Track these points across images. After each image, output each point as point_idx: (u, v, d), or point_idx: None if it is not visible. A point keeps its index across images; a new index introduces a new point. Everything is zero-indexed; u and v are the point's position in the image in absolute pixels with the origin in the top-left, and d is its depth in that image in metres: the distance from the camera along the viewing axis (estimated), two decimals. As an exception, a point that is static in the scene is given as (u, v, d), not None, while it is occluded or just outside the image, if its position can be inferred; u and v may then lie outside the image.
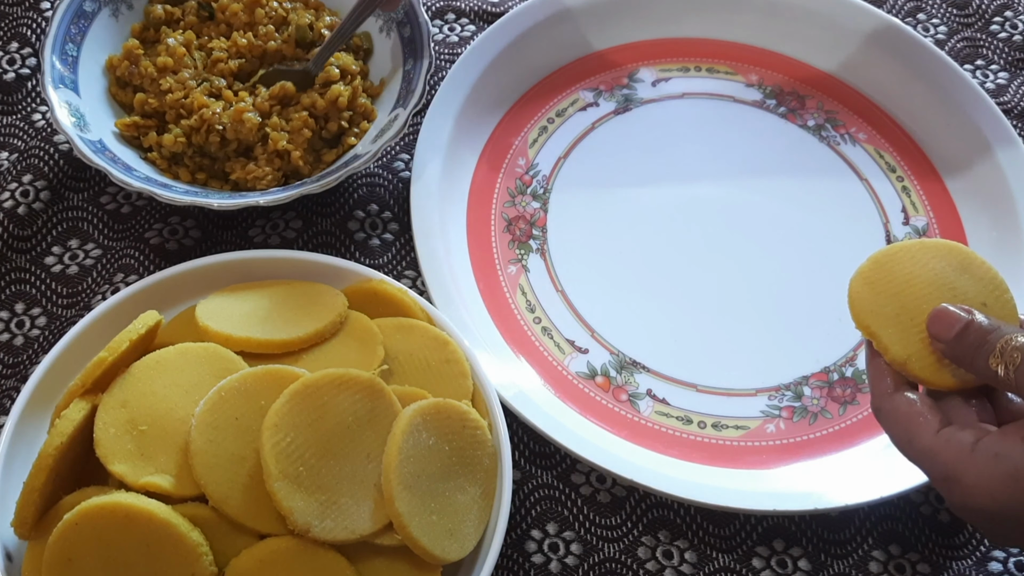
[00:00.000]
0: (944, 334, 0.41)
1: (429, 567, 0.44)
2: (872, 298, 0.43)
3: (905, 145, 0.67)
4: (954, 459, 0.38)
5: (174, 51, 0.60)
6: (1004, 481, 0.36)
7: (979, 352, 0.39)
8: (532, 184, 0.64)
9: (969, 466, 0.37)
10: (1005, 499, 0.36)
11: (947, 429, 0.39)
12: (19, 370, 0.55)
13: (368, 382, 0.44)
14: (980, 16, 0.74)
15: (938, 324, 0.41)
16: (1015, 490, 0.36)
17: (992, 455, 0.37)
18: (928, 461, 0.40)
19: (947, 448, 0.39)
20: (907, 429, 0.41)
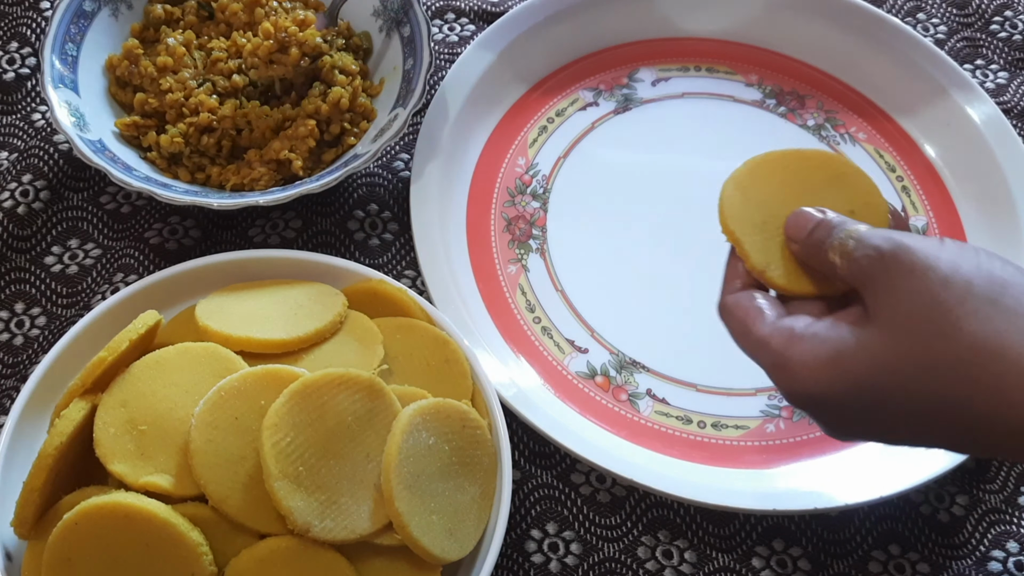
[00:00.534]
0: (798, 234, 0.41)
1: (429, 567, 0.44)
2: (741, 205, 0.43)
3: (905, 145, 0.67)
4: (782, 347, 0.38)
5: (174, 51, 0.61)
6: (826, 363, 0.36)
7: (823, 247, 0.39)
8: (532, 184, 0.64)
9: (795, 351, 0.37)
10: (827, 382, 0.36)
11: (779, 320, 0.39)
12: (19, 370, 0.55)
13: (368, 382, 0.44)
14: (980, 16, 0.74)
15: (793, 227, 0.41)
16: (836, 372, 0.36)
17: (817, 339, 0.37)
18: (760, 351, 0.39)
19: (777, 337, 0.38)
20: (743, 321, 0.40)
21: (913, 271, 0.35)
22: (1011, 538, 0.52)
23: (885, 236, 0.37)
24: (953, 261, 0.35)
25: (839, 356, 0.36)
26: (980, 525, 0.53)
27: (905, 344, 0.35)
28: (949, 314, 0.34)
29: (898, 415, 0.36)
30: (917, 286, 0.35)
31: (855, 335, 0.36)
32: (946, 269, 0.35)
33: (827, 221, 0.40)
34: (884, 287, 0.36)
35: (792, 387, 0.38)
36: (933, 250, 0.36)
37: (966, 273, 0.35)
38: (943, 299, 0.34)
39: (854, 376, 0.36)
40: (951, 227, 0.63)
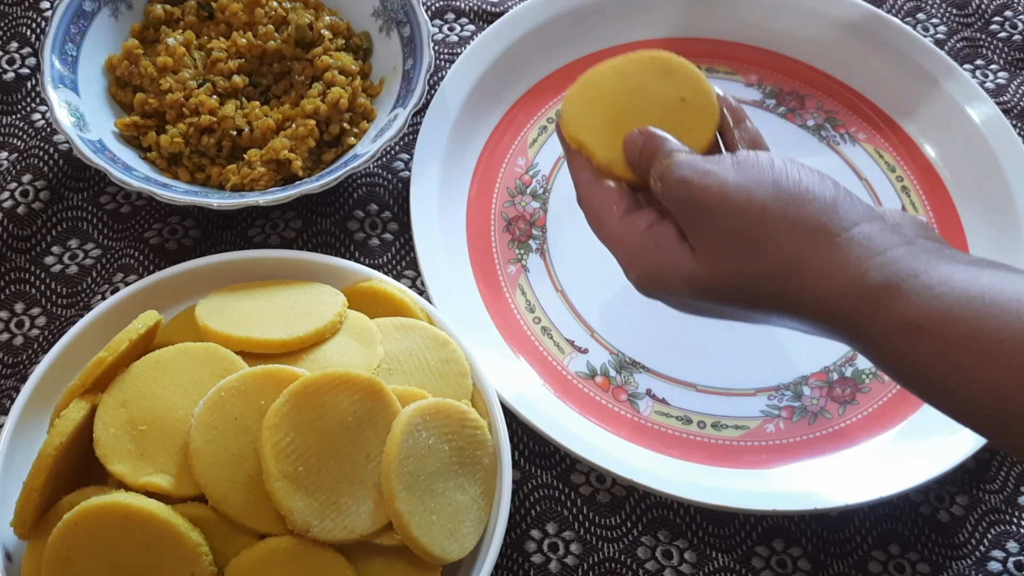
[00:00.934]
0: (631, 157, 0.44)
1: (429, 567, 0.44)
2: (581, 113, 0.46)
3: (905, 145, 0.67)
4: (628, 243, 0.42)
5: (174, 51, 0.61)
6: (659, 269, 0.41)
7: (649, 171, 0.43)
8: (532, 184, 0.64)
9: (638, 252, 0.42)
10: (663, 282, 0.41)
11: (628, 215, 0.43)
12: (19, 370, 0.55)
13: (368, 382, 0.44)
14: (980, 16, 0.74)
15: (627, 151, 0.44)
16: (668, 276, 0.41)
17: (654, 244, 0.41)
18: (612, 243, 0.43)
19: (625, 232, 0.42)
20: (598, 215, 0.44)
21: (711, 208, 0.39)
22: (1011, 538, 0.52)
23: (679, 179, 0.40)
24: (745, 187, 0.39)
25: (668, 267, 0.41)
26: (980, 525, 0.53)
27: (717, 266, 0.39)
28: (750, 240, 0.38)
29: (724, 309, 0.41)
30: (717, 220, 0.39)
31: (679, 253, 0.40)
32: (740, 199, 0.38)
33: (650, 147, 0.43)
34: (688, 221, 0.40)
35: (638, 282, 0.43)
36: (724, 181, 0.39)
37: (760, 198, 0.38)
38: (742, 228, 0.38)
39: (681, 284, 0.40)
40: (951, 227, 0.63)
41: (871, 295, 0.36)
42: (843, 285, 0.37)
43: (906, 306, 0.36)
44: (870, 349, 0.38)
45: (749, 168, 0.40)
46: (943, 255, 0.37)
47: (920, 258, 0.37)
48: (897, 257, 0.37)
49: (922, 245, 0.38)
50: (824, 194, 0.39)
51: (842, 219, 0.38)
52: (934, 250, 0.38)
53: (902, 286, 0.36)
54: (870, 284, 0.36)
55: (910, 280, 0.36)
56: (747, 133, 0.46)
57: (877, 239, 0.38)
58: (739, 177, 0.39)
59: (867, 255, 0.37)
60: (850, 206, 0.39)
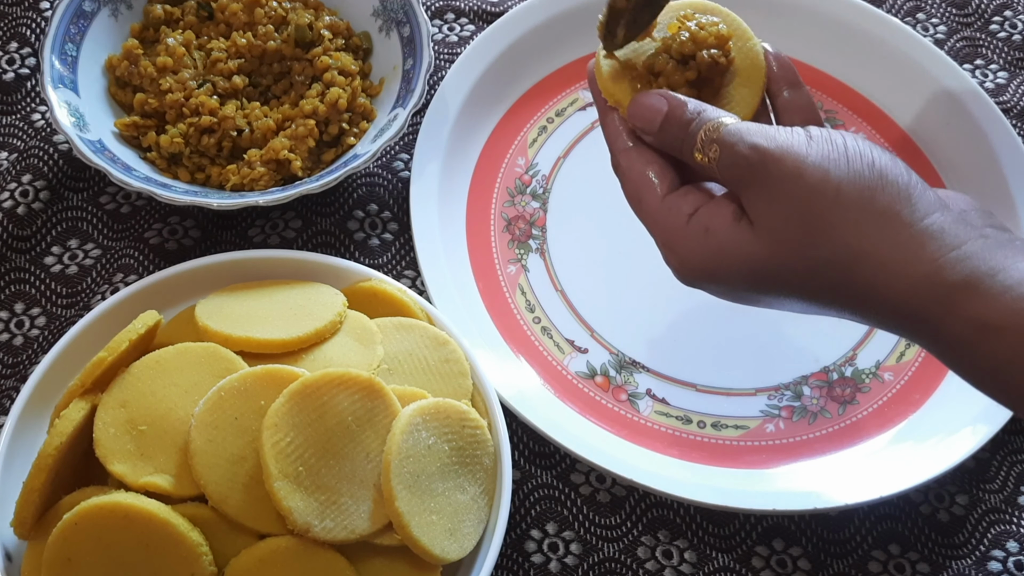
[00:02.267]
0: (649, 127, 0.41)
1: (429, 567, 0.44)
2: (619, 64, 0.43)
3: (905, 145, 0.67)
4: (672, 228, 0.39)
5: (174, 51, 0.61)
6: (709, 254, 0.38)
7: (684, 146, 0.40)
8: (532, 184, 0.64)
9: (684, 237, 0.39)
10: (712, 269, 0.38)
11: (671, 196, 0.40)
12: (19, 370, 0.55)
13: (367, 382, 0.44)
14: (980, 16, 0.74)
15: (639, 119, 0.41)
16: (719, 262, 0.38)
17: (703, 229, 0.38)
18: (651, 225, 0.41)
19: (667, 216, 0.39)
20: (638, 190, 0.41)
21: (783, 181, 0.36)
22: (1011, 538, 0.52)
23: (751, 145, 0.37)
24: (822, 167, 0.36)
25: (721, 252, 0.38)
26: (980, 525, 0.53)
27: (779, 248, 0.37)
28: (820, 222, 0.36)
29: (776, 299, 0.39)
30: (788, 196, 0.36)
31: (736, 233, 0.38)
32: (815, 177, 0.36)
33: (677, 117, 0.40)
34: (756, 194, 0.37)
35: (680, 270, 0.40)
36: (801, 156, 0.36)
37: (835, 179, 0.36)
38: (813, 208, 0.36)
39: (736, 270, 0.38)
40: (951, 227, 0.63)
41: (947, 293, 0.34)
42: (916, 280, 0.35)
43: (985, 306, 0.34)
44: (943, 349, 0.36)
45: (824, 145, 0.37)
46: (1018, 249, 0.35)
47: (996, 254, 0.35)
48: (973, 252, 0.35)
49: (995, 237, 0.36)
50: (898, 179, 0.36)
51: (915, 208, 0.36)
52: (1007, 242, 0.36)
53: (980, 284, 0.34)
54: (946, 281, 0.34)
55: (988, 278, 0.34)
56: (801, 99, 0.42)
57: (951, 231, 0.35)
58: (816, 153, 0.36)
59: (942, 249, 0.35)
60: (922, 194, 0.36)
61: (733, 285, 0.39)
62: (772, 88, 0.43)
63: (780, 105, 0.43)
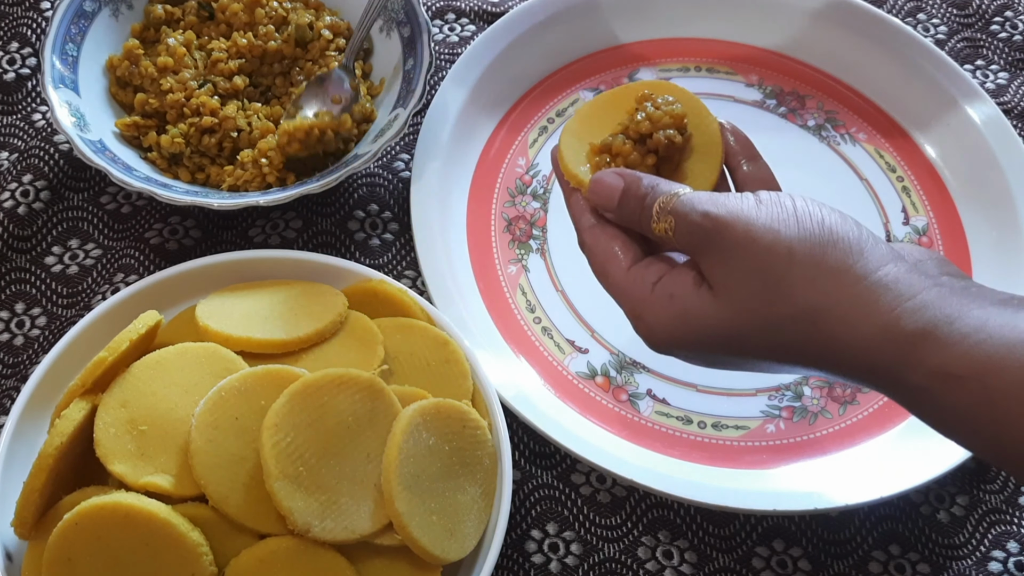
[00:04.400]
0: (608, 204, 0.42)
1: (429, 567, 0.44)
2: (580, 148, 0.44)
3: (905, 145, 0.67)
4: (638, 298, 0.40)
5: (174, 51, 0.61)
6: (675, 322, 0.39)
7: (642, 219, 0.41)
8: (532, 184, 0.64)
9: (650, 305, 0.40)
10: (679, 336, 0.39)
11: (635, 267, 0.41)
12: (19, 370, 0.55)
13: (368, 382, 0.44)
14: (980, 16, 0.74)
15: (598, 196, 0.42)
16: (684, 330, 0.39)
17: (667, 296, 0.39)
18: (618, 296, 0.42)
19: (633, 287, 0.41)
20: (603, 264, 0.42)
21: (736, 245, 0.37)
22: (1011, 538, 0.52)
23: (702, 212, 0.38)
24: (772, 228, 0.37)
25: (686, 317, 0.39)
26: (980, 525, 0.53)
27: (740, 310, 0.37)
28: (776, 281, 0.37)
29: (744, 360, 0.39)
30: (742, 259, 0.37)
31: (698, 298, 0.39)
32: (767, 239, 0.37)
33: (633, 192, 0.41)
34: (712, 259, 0.38)
35: (649, 338, 0.40)
36: (751, 219, 0.37)
37: (786, 239, 0.37)
38: (768, 269, 0.37)
39: (702, 333, 0.39)
40: (951, 227, 0.63)
41: (905, 343, 0.35)
42: (874, 332, 0.35)
43: (944, 355, 0.34)
44: (905, 398, 0.36)
45: (773, 207, 0.38)
46: (973, 296, 0.36)
47: (951, 301, 0.35)
48: (928, 302, 0.35)
49: (949, 285, 0.36)
50: (848, 235, 0.37)
51: (868, 261, 0.37)
52: (962, 290, 0.36)
53: (937, 333, 0.34)
54: (903, 331, 0.35)
55: (945, 326, 0.35)
56: (759, 171, 0.44)
57: (905, 281, 0.36)
58: (765, 215, 0.38)
59: (897, 300, 0.35)
60: (874, 247, 0.37)
61: (701, 349, 0.39)
62: (731, 162, 0.45)
63: (740, 178, 0.44)
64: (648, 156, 0.43)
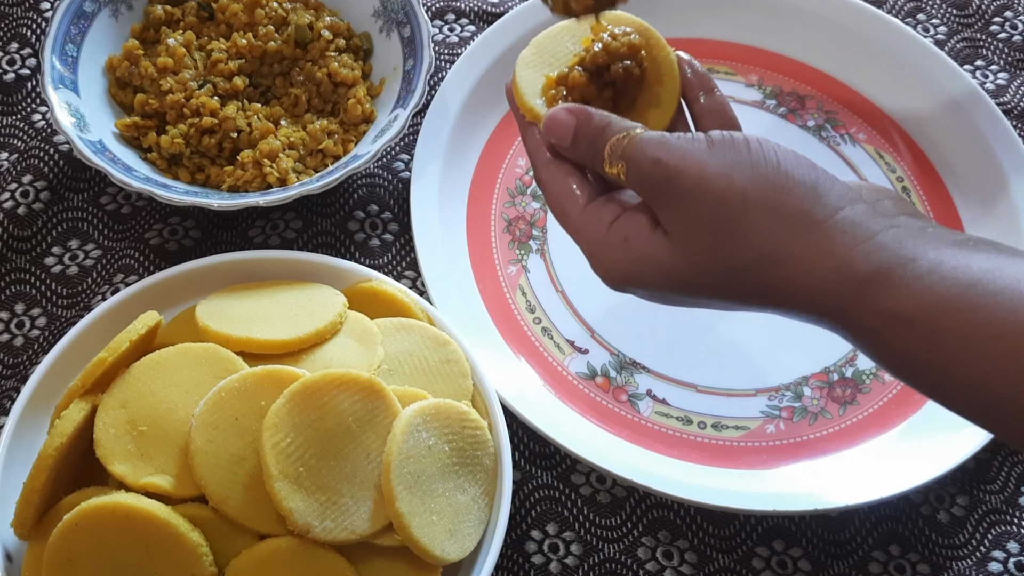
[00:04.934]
0: (562, 142, 0.41)
1: (429, 567, 0.44)
2: (535, 79, 0.43)
3: (905, 145, 0.67)
4: (594, 238, 0.40)
5: (174, 51, 0.61)
6: (631, 263, 0.39)
7: (595, 159, 0.40)
8: (532, 184, 0.64)
9: (606, 246, 0.40)
10: (634, 277, 0.39)
11: (591, 206, 0.41)
12: (19, 370, 0.55)
13: (368, 382, 0.44)
14: (980, 16, 0.74)
15: (551, 134, 0.41)
16: (640, 270, 0.39)
17: (622, 238, 0.39)
18: (575, 234, 0.42)
19: (589, 226, 0.40)
20: (560, 202, 0.42)
21: (689, 193, 0.37)
22: (1011, 538, 0.52)
23: (652, 159, 0.38)
24: (726, 174, 0.37)
25: (640, 260, 0.39)
26: (980, 526, 0.53)
27: (695, 256, 0.37)
28: (730, 228, 0.36)
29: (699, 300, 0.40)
30: (695, 207, 0.37)
31: (652, 243, 0.38)
32: (720, 185, 0.36)
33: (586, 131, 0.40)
34: (665, 206, 0.38)
35: (605, 277, 0.41)
36: (702, 165, 0.37)
37: (740, 184, 0.36)
38: (722, 216, 0.36)
39: (656, 277, 0.39)
40: (951, 227, 0.63)
41: (859, 285, 0.35)
42: (829, 275, 0.36)
43: (895, 296, 0.34)
44: (859, 339, 0.37)
45: (726, 151, 0.37)
46: (929, 237, 0.36)
47: (907, 243, 0.35)
48: (884, 243, 0.35)
49: (906, 226, 0.36)
50: (804, 178, 0.37)
51: (824, 205, 0.36)
52: (918, 231, 0.36)
53: (891, 275, 0.35)
54: (857, 274, 0.35)
55: (898, 268, 0.35)
56: (716, 104, 0.43)
57: (862, 224, 0.36)
58: (718, 160, 0.37)
59: (852, 243, 0.36)
60: (830, 189, 0.37)
61: (655, 290, 0.40)
62: (688, 95, 0.44)
63: (697, 111, 0.44)
64: (605, 89, 0.43)
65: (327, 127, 0.60)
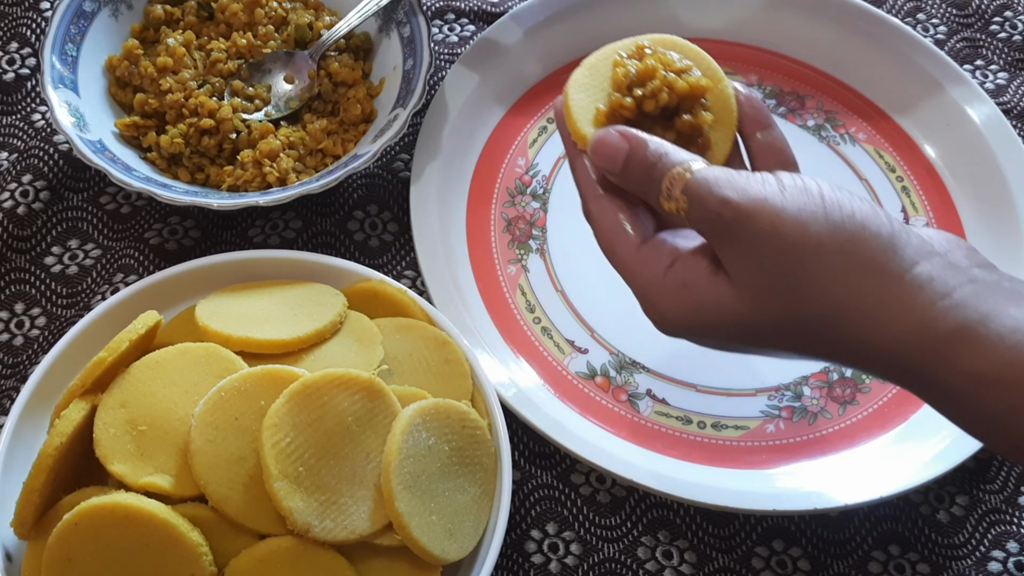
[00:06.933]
0: (611, 167, 0.39)
1: (429, 567, 0.44)
2: (588, 104, 0.41)
3: (905, 145, 0.67)
4: (649, 281, 0.38)
5: (174, 51, 0.61)
6: (690, 311, 0.37)
7: (649, 190, 0.38)
8: (532, 184, 0.64)
9: (662, 292, 0.38)
10: (694, 325, 0.38)
11: (646, 246, 0.39)
12: (19, 370, 0.55)
13: (368, 382, 0.44)
14: (980, 16, 0.74)
15: (600, 157, 0.39)
16: (701, 318, 0.37)
17: (681, 283, 0.38)
18: (627, 276, 0.40)
19: (643, 269, 0.39)
20: (611, 240, 0.40)
21: (760, 237, 0.35)
22: (1011, 538, 0.52)
23: (721, 199, 0.35)
24: (799, 220, 0.35)
25: (701, 307, 0.37)
26: (980, 525, 0.53)
27: (762, 304, 0.36)
28: (803, 278, 0.35)
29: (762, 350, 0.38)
30: (766, 252, 0.35)
31: (714, 289, 0.37)
32: (794, 232, 0.35)
33: (640, 159, 0.38)
34: (732, 250, 0.36)
35: (661, 324, 0.39)
36: (776, 210, 0.35)
37: (815, 233, 0.35)
38: (794, 264, 0.35)
39: (719, 326, 0.37)
40: (951, 227, 0.63)
41: (939, 344, 0.33)
42: (909, 333, 0.34)
43: (980, 356, 0.33)
44: (938, 400, 0.35)
45: (799, 196, 0.35)
46: (1007, 293, 0.35)
47: (986, 300, 0.34)
48: (963, 300, 0.34)
49: (983, 280, 0.35)
50: (880, 230, 0.35)
51: (901, 258, 0.35)
52: (995, 285, 0.35)
53: (972, 334, 0.33)
54: (938, 332, 0.33)
55: (980, 327, 0.33)
56: (774, 141, 0.41)
57: (939, 279, 0.34)
58: (791, 206, 0.35)
59: (932, 299, 0.34)
60: (907, 241, 0.35)
61: (717, 339, 0.38)
62: (744, 130, 0.42)
63: (753, 147, 0.42)
64: (667, 132, 0.40)
65: (327, 127, 0.60)
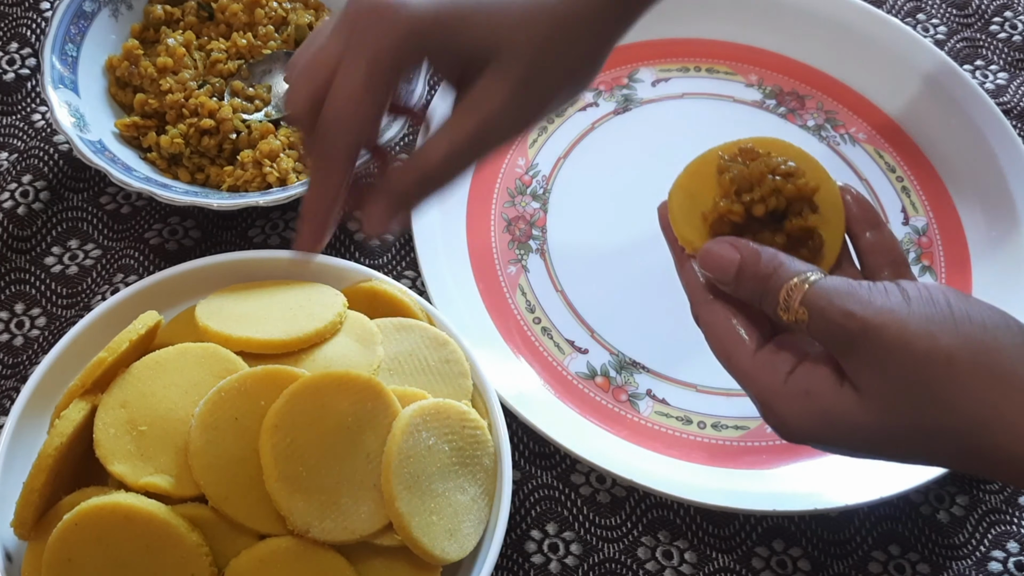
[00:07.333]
0: (723, 278, 0.38)
1: (429, 567, 0.44)
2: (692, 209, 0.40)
3: (905, 145, 0.67)
4: (769, 388, 0.37)
5: (174, 51, 0.61)
6: (814, 419, 0.36)
7: (765, 301, 0.37)
8: (532, 184, 0.64)
9: (783, 400, 0.36)
10: (819, 434, 0.36)
11: (763, 351, 0.37)
12: (19, 370, 0.55)
13: (368, 382, 0.44)
14: (980, 16, 0.74)
15: (711, 268, 0.38)
16: (827, 427, 0.36)
17: (803, 392, 0.36)
18: (745, 383, 0.38)
19: (762, 375, 0.37)
20: (725, 346, 0.38)
21: (887, 351, 0.34)
22: (1011, 538, 0.52)
23: (844, 312, 0.34)
24: (928, 332, 0.34)
25: (827, 417, 0.36)
26: (980, 525, 0.53)
27: (892, 417, 0.34)
28: (934, 391, 0.34)
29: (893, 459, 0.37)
30: (894, 366, 0.34)
31: (840, 399, 0.35)
32: (923, 345, 0.33)
33: (752, 271, 0.37)
34: (858, 362, 0.35)
35: (783, 432, 0.37)
36: (902, 322, 0.34)
37: (945, 345, 0.33)
38: (925, 378, 0.33)
39: (846, 435, 0.36)
40: (950, 227, 0.63)
41: None
42: None
43: None
44: None
45: (925, 306, 0.34)
46: None
47: None
48: None
49: None
50: (1013, 340, 0.34)
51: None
52: None
53: None
54: None
55: None
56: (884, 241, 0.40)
57: None
58: (918, 317, 0.34)
59: None
60: None
61: (843, 446, 0.37)
62: (853, 229, 0.40)
63: (863, 247, 0.40)
64: (777, 235, 0.39)
65: (327, 127, 0.60)
